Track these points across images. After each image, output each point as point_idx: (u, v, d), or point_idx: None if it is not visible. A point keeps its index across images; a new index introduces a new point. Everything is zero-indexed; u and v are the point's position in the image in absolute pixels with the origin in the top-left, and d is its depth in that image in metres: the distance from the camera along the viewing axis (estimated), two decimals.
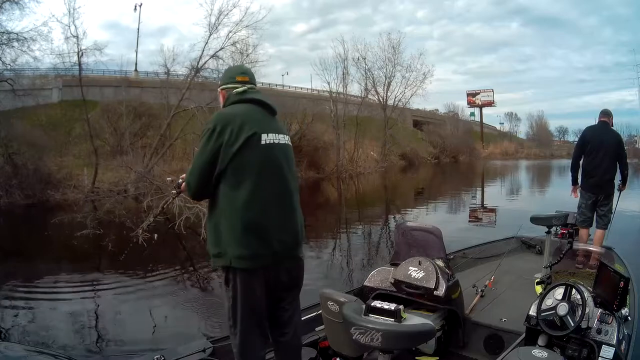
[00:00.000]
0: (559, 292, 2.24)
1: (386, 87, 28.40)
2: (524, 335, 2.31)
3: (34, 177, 13.17)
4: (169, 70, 18.01)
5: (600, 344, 2.08)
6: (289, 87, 35.34)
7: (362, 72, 27.69)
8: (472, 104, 54.69)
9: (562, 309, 2.12)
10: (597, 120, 4.83)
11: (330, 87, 25.76)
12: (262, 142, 1.81)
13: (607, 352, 2.04)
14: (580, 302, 2.14)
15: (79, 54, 14.42)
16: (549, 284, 2.49)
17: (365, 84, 27.92)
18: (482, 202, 14.15)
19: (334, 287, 3.53)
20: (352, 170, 22.93)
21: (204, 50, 15.56)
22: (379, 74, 28.34)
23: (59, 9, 28.53)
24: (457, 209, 12.60)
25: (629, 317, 2.34)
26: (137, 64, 28.39)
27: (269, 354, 2.01)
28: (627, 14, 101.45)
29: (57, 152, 16.71)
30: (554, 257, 3.20)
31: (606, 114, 4.71)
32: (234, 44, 16.00)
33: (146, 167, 13.44)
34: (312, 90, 32.48)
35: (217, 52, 15.62)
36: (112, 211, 9.44)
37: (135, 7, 30.19)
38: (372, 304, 1.73)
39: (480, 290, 3.14)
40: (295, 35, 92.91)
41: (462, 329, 2.73)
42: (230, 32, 15.83)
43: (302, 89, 35.31)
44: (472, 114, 54.88)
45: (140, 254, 6.56)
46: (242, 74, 2.01)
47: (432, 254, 2.92)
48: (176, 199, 8.07)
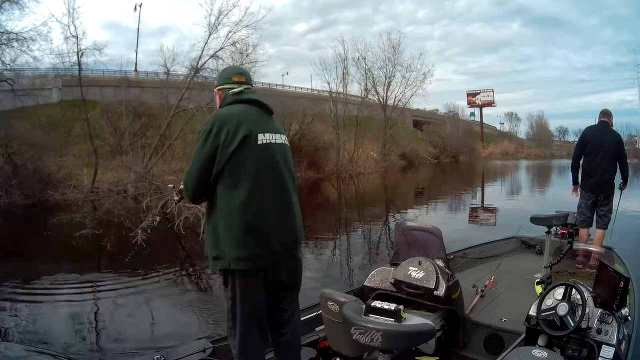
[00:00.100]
0: (559, 292, 2.24)
1: (386, 87, 28.45)
2: (524, 335, 2.31)
3: (33, 177, 13.17)
4: (169, 70, 18.04)
5: (600, 344, 2.08)
6: (289, 87, 35.38)
7: (362, 72, 27.74)
8: (472, 104, 54.69)
9: (562, 309, 2.12)
10: (597, 120, 4.83)
11: (330, 87, 25.81)
12: (259, 142, 1.80)
13: (607, 352, 2.04)
14: (580, 302, 2.14)
15: (79, 54, 14.44)
16: (549, 284, 2.49)
17: (365, 84, 27.96)
18: (482, 202, 14.14)
19: (334, 287, 3.53)
20: (352, 170, 22.90)
21: (203, 50, 15.56)
22: (379, 74, 28.39)
23: (58, 9, 28.60)
24: (457, 209, 12.60)
25: (629, 317, 2.34)
26: (137, 64, 28.50)
27: (268, 354, 2.02)
28: (627, 14, 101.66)
29: (56, 152, 16.72)
30: (554, 257, 3.20)
31: (606, 114, 4.71)
32: (234, 43, 15.98)
33: (146, 167, 13.43)
34: (312, 90, 32.53)
35: (216, 52, 15.62)
36: (111, 211, 9.44)
37: (135, 7, 30.27)
38: (372, 304, 1.72)
39: (480, 290, 3.14)
40: (295, 35, 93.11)
41: (462, 329, 2.73)
42: (230, 32, 15.81)
43: (302, 89, 35.34)
44: (472, 114, 54.91)
45: (139, 254, 6.55)
46: (238, 74, 2.01)
47: (432, 254, 2.92)
48: (171, 194, 8.15)
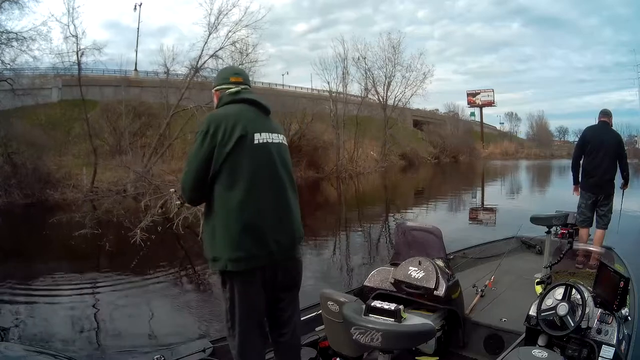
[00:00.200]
0: (559, 292, 2.24)
1: (386, 87, 28.42)
2: (524, 335, 2.31)
3: (33, 176, 13.17)
4: (169, 69, 18.07)
5: (600, 344, 2.08)
6: (289, 86, 35.36)
7: (362, 72, 27.72)
8: (472, 104, 54.66)
9: (562, 309, 2.12)
10: (597, 120, 4.83)
11: (330, 86, 25.81)
12: (255, 142, 1.80)
13: (607, 352, 2.04)
14: (580, 302, 2.14)
15: (78, 54, 14.44)
16: (549, 284, 2.49)
17: (365, 84, 27.96)
18: (482, 202, 14.14)
19: (334, 287, 3.53)
20: (351, 170, 22.89)
21: (203, 49, 15.57)
22: (379, 73, 28.36)
23: (58, 9, 28.42)
24: (457, 208, 12.60)
25: (629, 317, 2.34)
26: (137, 64, 28.46)
27: (268, 354, 2.01)
28: (627, 14, 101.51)
29: (56, 151, 16.71)
30: (554, 257, 3.20)
31: (606, 114, 4.72)
32: (234, 43, 15.99)
33: (145, 167, 13.43)
34: (312, 89, 32.48)
35: (216, 51, 15.63)
36: (110, 211, 9.43)
37: (135, 6, 30.16)
38: (372, 304, 1.72)
39: (480, 290, 3.14)
40: (296, 35, 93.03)
41: (462, 329, 2.73)
42: (229, 31, 15.84)
43: (302, 88, 35.32)
44: (472, 114, 54.87)
45: (138, 253, 6.56)
46: (235, 74, 2.00)
47: (432, 254, 2.92)
48: (173, 198, 8.14)
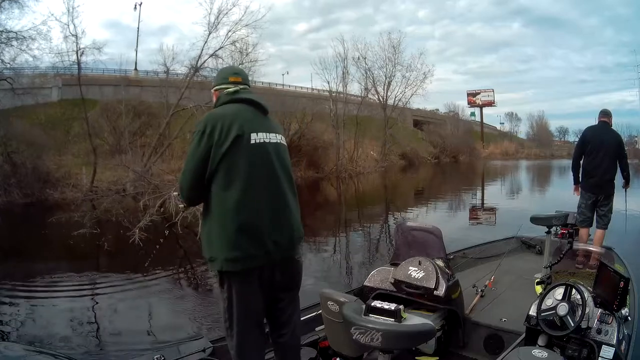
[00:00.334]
0: (559, 292, 2.24)
1: (386, 87, 28.42)
2: (524, 335, 2.31)
3: (32, 176, 13.16)
4: (169, 69, 18.04)
5: (600, 344, 2.08)
6: (289, 86, 35.35)
7: (362, 72, 27.71)
8: (472, 104, 54.67)
9: (562, 309, 2.12)
10: (597, 120, 4.83)
11: (330, 86, 25.80)
12: (252, 142, 1.79)
13: (607, 352, 2.04)
14: (580, 302, 2.14)
15: (78, 53, 14.41)
16: (549, 284, 2.49)
17: (365, 84, 27.95)
18: (482, 202, 14.15)
19: (334, 287, 3.53)
20: (351, 169, 22.87)
21: (203, 49, 15.52)
22: (379, 73, 28.37)
23: (58, 8, 28.39)
24: (457, 208, 12.60)
25: (629, 317, 2.34)
26: (137, 63, 28.46)
27: (268, 354, 2.01)
28: (628, 14, 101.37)
29: (56, 151, 16.69)
30: (554, 257, 3.20)
31: (606, 114, 4.72)
32: (234, 43, 15.94)
33: (145, 167, 13.42)
34: (312, 89, 32.46)
35: (216, 51, 15.58)
36: (109, 210, 9.42)
37: (135, 6, 30.11)
38: (372, 304, 1.72)
39: (480, 290, 3.14)
40: (296, 34, 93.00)
41: (462, 329, 2.73)
42: (229, 31, 15.78)
43: (302, 88, 35.32)
44: (473, 114, 54.88)
45: (136, 253, 6.56)
46: (234, 74, 2.00)
47: (432, 254, 2.92)
48: (175, 200, 8.12)
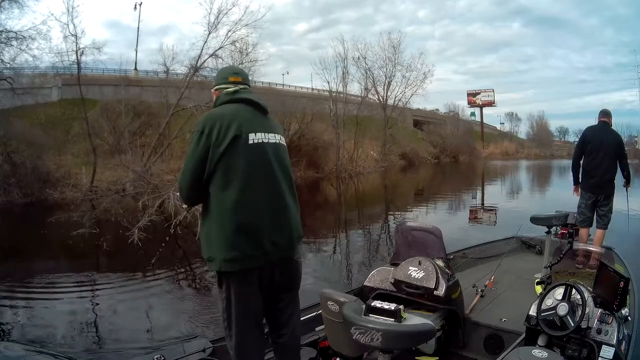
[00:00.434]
0: (559, 292, 2.24)
1: (386, 87, 28.42)
2: (524, 335, 2.31)
3: (32, 175, 13.17)
4: (169, 69, 18.03)
5: (600, 344, 2.08)
6: (289, 86, 35.34)
7: (362, 72, 27.70)
8: (472, 104, 54.65)
9: (562, 309, 2.12)
10: (597, 120, 4.83)
11: (330, 86, 25.78)
12: (250, 142, 1.79)
13: (607, 352, 2.04)
14: (580, 302, 2.14)
15: (78, 53, 14.42)
16: (549, 284, 2.49)
17: (365, 84, 27.94)
18: (482, 202, 14.15)
19: (334, 287, 3.53)
20: (351, 169, 22.87)
21: (202, 49, 15.53)
22: (379, 73, 28.37)
23: (57, 8, 28.45)
24: (457, 208, 12.60)
25: (629, 317, 2.34)
26: (136, 63, 28.45)
27: (268, 354, 2.01)
28: (628, 14, 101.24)
29: (56, 150, 16.69)
30: (554, 257, 3.20)
31: (606, 114, 4.72)
32: (234, 43, 15.94)
33: (144, 166, 13.42)
34: (312, 89, 32.44)
35: (216, 51, 15.58)
36: (109, 210, 9.42)
37: (135, 5, 30.09)
38: (372, 304, 1.72)
39: (480, 290, 3.14)
40: (296, 34, 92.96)
41: (462, 329, 2.73)
42: (229, 31, 15.79)
43: (302, 88, 35.30)
44: (473, 114, 54.86)
45: (135, 253, 6.55)
46: (234, 74, 2.00)
47: (432, 254, 2.92)
48: (174, 200, 8.14)
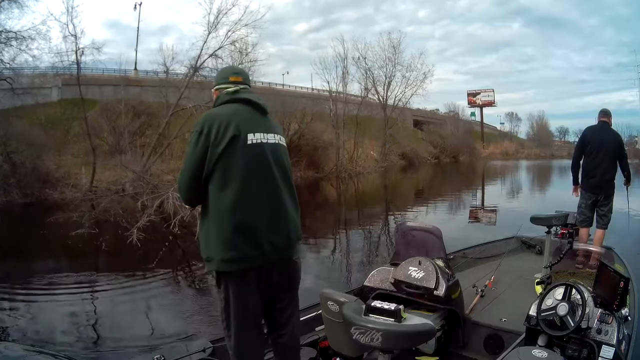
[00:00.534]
0: (559, 292, 2.24)
1: (386, 87, 28.42)
2: (524, 335, 2.31)
3: (32, 175, 13.16)
4: (168, 69, 18.01)
5: (600, 344, 2.08)
6: (289, 86, 35.33)
7: (362, 72, 27.70)
8: (472, 104, 54.62)
9: (562, 309, 2.12)
10: (597, 120, 4.83)
11: (330, 86, 25.79)
12: (249, 142, 1.78)
13: (607, 352, 2.04)
14: (580, 302, 2.14)
15: (77, 53, 14.41)
16: (549, 284, 2.49)
17: (365, 84, 27.94)
18: (482, 202, 14.15)
19: (334, 287, 3.53)
20: (351, 169, 22.86)
21: (202, 49, 15.52)
22: (379, 73, 28.37)
23: (57, 8, 28.53)
24: (457, 208, 12.59)
25: (629, 317, 2.34)
26: (136, 63, 28.44)
27: (268, 354, 2.01)
28: (628, 14, 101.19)
29: (55, 150, 16.66)
30: (554, 257, 3.20)
31: (606, 113, 4.72)
32: (233, 43, 15.94)
33: (144, 167, 13.42)
34: (312, 89, 32.46)
35: (215, 51, 15.57)
36: (108, 210, 9.41)
37: (135, 5, 30.09)
38: (372, 304, 1.72)
39: (480, 290, 3.14)
40: (297, 34, 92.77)
41: (462, 329, 2.73)
42: (229, 31, 15.78)
43: (302, 88, 35.31)
44: (473, 114, 54.84)
45: (135, 253, 6.55)
46: (235, 74, 1.99)
47: (432, 254, 2.92)
48: (174, 200, 8.13)
